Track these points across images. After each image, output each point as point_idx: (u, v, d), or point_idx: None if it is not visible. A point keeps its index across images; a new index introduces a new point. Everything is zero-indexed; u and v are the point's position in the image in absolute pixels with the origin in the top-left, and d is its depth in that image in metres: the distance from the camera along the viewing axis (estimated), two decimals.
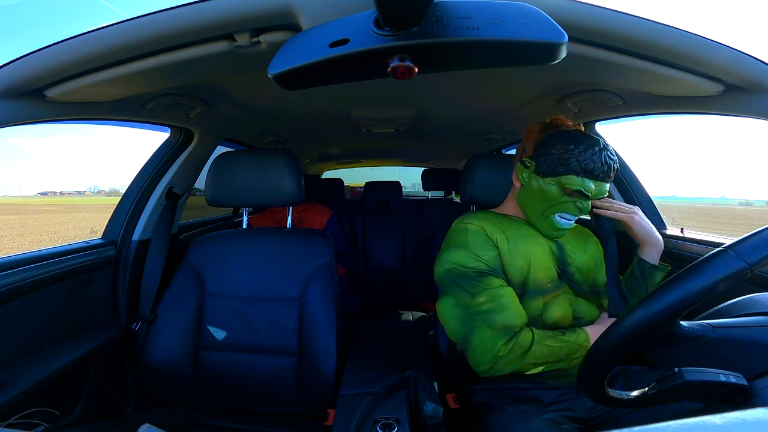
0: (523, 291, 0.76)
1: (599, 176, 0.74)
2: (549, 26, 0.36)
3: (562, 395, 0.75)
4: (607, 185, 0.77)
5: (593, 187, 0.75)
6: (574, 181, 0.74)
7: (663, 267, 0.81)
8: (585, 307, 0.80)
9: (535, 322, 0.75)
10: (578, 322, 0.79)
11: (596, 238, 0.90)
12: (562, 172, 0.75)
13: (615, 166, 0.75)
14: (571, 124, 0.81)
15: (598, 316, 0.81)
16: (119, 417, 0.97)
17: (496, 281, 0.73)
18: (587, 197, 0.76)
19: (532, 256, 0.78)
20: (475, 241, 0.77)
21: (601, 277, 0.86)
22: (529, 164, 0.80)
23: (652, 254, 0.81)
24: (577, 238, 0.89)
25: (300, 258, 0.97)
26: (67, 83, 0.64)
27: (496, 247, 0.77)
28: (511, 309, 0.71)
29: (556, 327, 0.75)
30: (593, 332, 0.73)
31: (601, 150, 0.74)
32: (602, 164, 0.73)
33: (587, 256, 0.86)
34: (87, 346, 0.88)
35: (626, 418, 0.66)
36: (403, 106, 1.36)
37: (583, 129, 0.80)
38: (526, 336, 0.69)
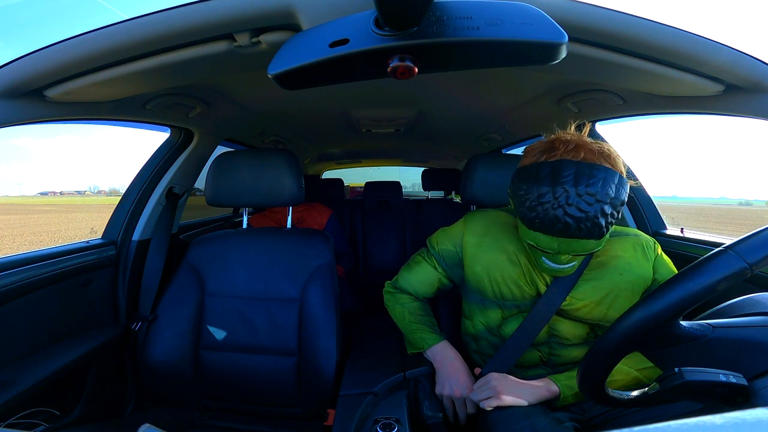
0: (482, 298, 0.80)
1: (557, 233, 0.60)
2: (549, 26, 0.36)
3: None
4: (592, 243, 0.61)
5: (554, 243, 0.62)
6: (527, 234, 0.66)
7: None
8: (566, 327, 0.75)
9: (493, 332, 0.80)
10: (556, 340, 0.77)
11: (651, 259, 0.73)
12: (520, 219, 0.66)
13: (586, 224, 0.58)
14: (571, 140, 0.65)
15: (585, 337, 0.75)
16: (119, 417, 0.97)
17: (432, 261, 0.88)
18: (549, 254, 0.64)
19: (495, 269, 0.76)
20: (448, 233, 0.87)
21: (615, 310, 0.71)
22: (511, 196, 0.71)
23: None
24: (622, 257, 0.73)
25: (300, 258, 0.97)
26: (67, 83, 0.64)
27: (460, 246, 0.83)
28: (412, 277, 0.90)
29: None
30: (442, 348, 0.81)
31: (562, 201, 0.58)
32: (556, 221, 0.59)
33: (608, 283, 0.71)
34: (87, 346, 0.88)
35: (627, 419, 0.66)
36: (403, 106, 1.35)
37: (585, 149, 0.63)
38: (402, 297, 0.90)
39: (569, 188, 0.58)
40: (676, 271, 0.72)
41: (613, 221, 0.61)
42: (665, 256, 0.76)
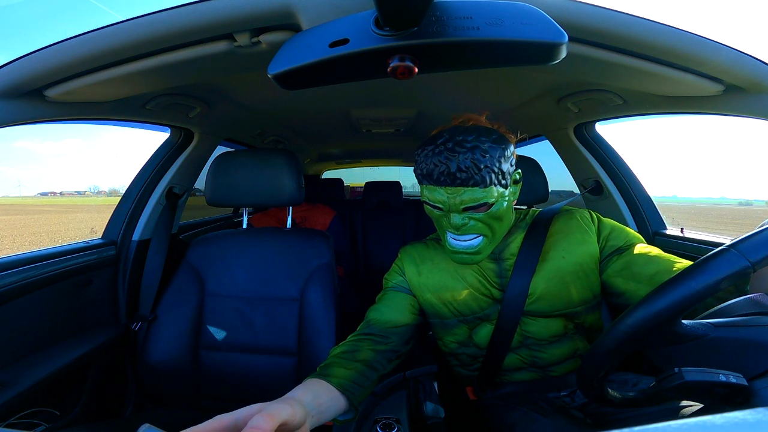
0: (442, 320, 0.76)
1: (441, 180, 0.61)
2: (549, 26, 0.36)
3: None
4: (477, 192, 0.61)
5: (443, 195, 0.62)
6: (422, 191, 0.66)
7: None
8: (538, 326, 0.72)
9: (466, 344, 0.77)
10: (532, 341, 0.73)
11: (593, 234, 0.71)
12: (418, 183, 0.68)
13: (466, 164, 0.59)
14: (469, 116, 0.68)
15: (561, 332, 0.72)
16: (119, 417, 0.97)
17: (391, 291, 0.78)
18: (441, 209, 0.64)
19: (444, 291, 0.75)
20: (392, 269, 0.83)
21: (577, 293, 0.69)
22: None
23: None
24: (568, 240, 0.72)
25: (300, 258, 0.97)
26: (67, 83, 0.64)
27: (405, 276, 0.79)
28: (382, 306, 0.75)
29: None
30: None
31: (441, 148, 0.61)
32: (438, 164, 0.60)
33: (555, 270, 0.70)
34: (87, 346, 0.88)
35: (648, 418, 0.64)
36: (403, 106, 1.36)
37: (474, 120, 0.67)
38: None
39: (448, 138, 0.61)
40: (624, 228, 0.72)
41: (496, 174, 0.61)
42: (606, 219, 0.74)
